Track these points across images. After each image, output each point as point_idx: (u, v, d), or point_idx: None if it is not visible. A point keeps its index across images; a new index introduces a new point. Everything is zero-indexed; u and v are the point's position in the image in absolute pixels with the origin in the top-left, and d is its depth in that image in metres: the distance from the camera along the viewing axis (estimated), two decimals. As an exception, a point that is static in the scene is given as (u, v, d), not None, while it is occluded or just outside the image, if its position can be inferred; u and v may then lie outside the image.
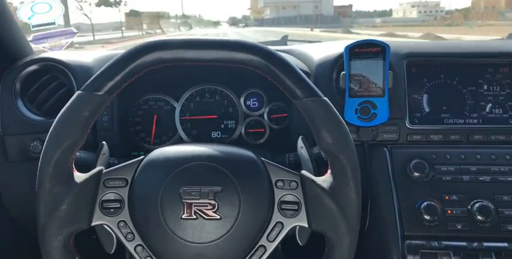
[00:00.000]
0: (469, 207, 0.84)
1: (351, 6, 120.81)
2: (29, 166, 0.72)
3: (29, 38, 1.17)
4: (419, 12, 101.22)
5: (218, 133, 1.12)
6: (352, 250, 0.62)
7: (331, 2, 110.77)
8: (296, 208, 0.63)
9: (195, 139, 1.10)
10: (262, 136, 1.12)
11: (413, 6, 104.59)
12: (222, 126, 1.12)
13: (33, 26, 1.18)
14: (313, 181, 0.63)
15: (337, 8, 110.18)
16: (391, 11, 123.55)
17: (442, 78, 0.98)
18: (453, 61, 0.98)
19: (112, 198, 0.62)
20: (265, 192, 0.63)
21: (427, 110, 0.97)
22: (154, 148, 0.69)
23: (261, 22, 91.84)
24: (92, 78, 0.60)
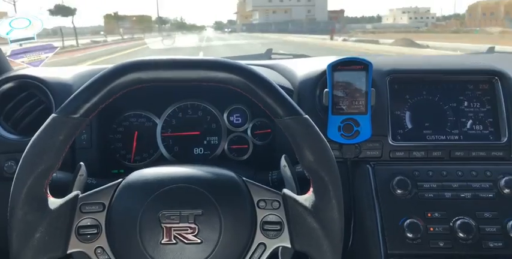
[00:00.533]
0: (451, 224, 0.84)
1: (342, 11, 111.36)
2: (2, 187, 0.69)
3: (7, 53, 1.15)
4: (410, 18, 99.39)
5: (201, 149, 1.10)
6: None
7: (325, 6, 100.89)
8: (279, 228, 0.62)
9: (177, 156, 1.08)
10: (245, 153, 1.11)
11: (403, 12, 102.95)
12: (205, 142, 1.11)
13: (12, 41, 1.16)
14: (295, 200, 0.62)
15: (329, 13, 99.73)
16: (379, 17, 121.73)
17: (424, 95, 0.98)
18: (434, 77, 0.99)
19: (89, 223, 0.60)
20: (247, 213, 0.62)
21: (409, 126, 0.97)
22: (135, 166, 0.68)
23: (249, 27, 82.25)
24: (67, 100, 0.59)
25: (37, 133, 0.58)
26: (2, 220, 0.60)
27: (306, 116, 0.61)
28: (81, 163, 0.75)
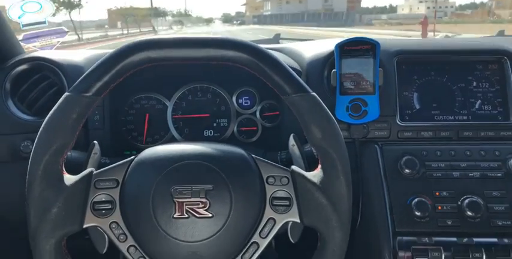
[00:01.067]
0: (459, 203, 0.85)
1: (359, 0, 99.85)
2: (20, 167, 0.71)
3: (20, 37, 1.17)
4: (428, 7, 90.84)
5: (210, 131, 1.12)
6: (344, 244, 0.62)
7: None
8: (288, 203, 0.63)
9: (187, 138, 1.10)
10: (254, 135, 1.12)
11: (421, 2, 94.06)
12: (215, 124, 1.12)
13: (24, 25, 1.17)
14: (303, 176, 0.63)
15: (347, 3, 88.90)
16: (392, 7, 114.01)
17: (432, 75, 0.98)
18: (443, 58, 0.99)
19: (103, 199, 0.62)
20: (256, 189, 0.63)
21: (417, 107, 0.97)
22: (147, 148, 0.69)
23: (260, 19, 76.59)
24: (79, 79, 0.60)
25: (51, 112, 0.60)
26: (20, 199, 0.62)
27: (314, 93, 0.62)
28: (95, 141, 0.77)
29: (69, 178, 0.61)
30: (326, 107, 0.62)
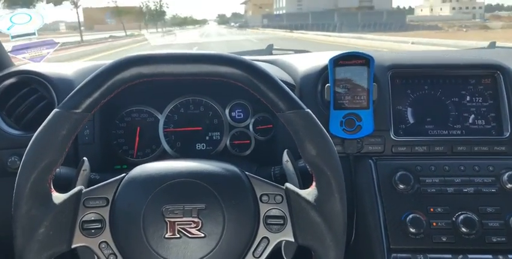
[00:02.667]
0: (453, 219, 0.84)
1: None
2: (6, 182, 0.69)
3: (8, 49, 1.15)
4: (453, 8, 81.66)
5: (203, 145, 1.10)
6: None
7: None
8: (282, 222, 0.62)
9: (179, 152, 1.09)
10: (247, 148, 1.11)
11: (444, 2, 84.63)
12: (207, 137, 1.11)
13: (13, 37, 1.16)
14: (298, 194, 0.62)
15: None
16: (409, 9, 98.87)
17: (426, 90, 0.98)
18: (436, 72, 0.99)
19: (93, 218, 0.60)
20: (250, 207, 0.62)
21: (411, 121, 0.97)
22: (138, 162, 0.68)
23: (272, 19, 54.97)
24: (69, 95, 0.59)
25: (40, 128, 0.58)
26: (6, 216, 0.61)
27: (308, 110, 0.61)
28: (85, 158, 0.75)
29: (57, 197, 0.60)
30: (320, 124, 0.62)
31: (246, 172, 0.66)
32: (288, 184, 0.64)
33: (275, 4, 72.31)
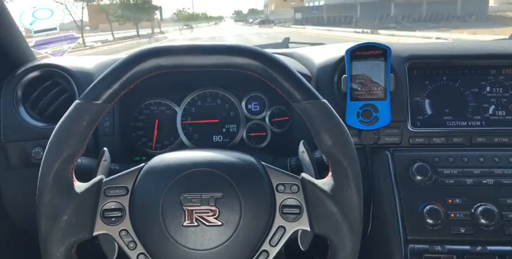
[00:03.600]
0: (472, 210, 0.83)
1: None
2: (31, 173, 0.72)
3: (31, 44, 1.18)
4: None
5: (220, 137, 1.12)
6: (355, 253, 0.62)
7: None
8: (298, 212, 0.62)
9: (196, 144, 1.10)
10: (264, 140, 1.11)
11: None
12: (224, 130, 1.12)
13: (35, 32, 1.19)
14: (314, 184, 0.63)
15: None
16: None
17: (444, 81, 0.97)
18: (455, 63, 0.97)
19: (113, 207, 0.62)
20: (266, 197, 0.63)
21: (429, 112, 0.96)
22: (156, 153, 0.69)
23: (307, 13, 42.20)
24: (89, 87, 0.60)
25: (62, 119, 0.60)
26: (31, 205, 0.63)
27: (324, 100, 0.62)
28: (105, 148, 0.77)
29: (79, 186, 0.61)
30: (337, 114, 0.62)
31: (262, 162, 0.67)
32: (304, 174, 0.64)
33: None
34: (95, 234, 0.61)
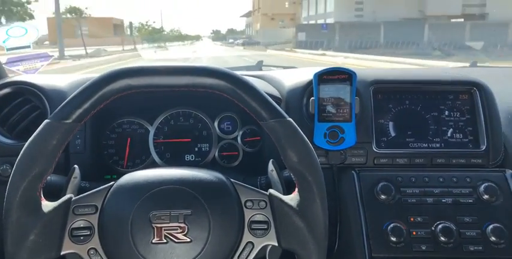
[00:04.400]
0: (432, 228, 0.87)
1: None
2: None
3: (3, 61, 1.17)
4: None
5: (192, 156, 1.13)
6: None
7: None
8: (266, 227, 0.64)
9: (168, 163, 1.11)
10: (235, 160, 1.13)
11: None
12: (196, 149, 1.13)
13: (8, 49, 1.18)
14: (281, 199, 0.65)
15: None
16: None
17: (407, 104, 1.02)
18: (416, 88, 1.03)
19: (82, 225, 0.62)
20: (235, 213, 0.64)
21: (393, 134, 1.01)
22: (128, 172, 0.70)
23: (313, 31, 30.16)
24: (60, 106, 0.61)
25: (31, 138, 0.60)
26: None
27: (290, 119, 0.64)
28: (75, 166, 0.77)
29: (47, 205, 0.61)
30: (302, 132, 0.65)
31: (231, 179, 0.69)
32: (271, 190, 0.67)
33: (305, 11, 43.57)
34: (62, 253, 0.61)
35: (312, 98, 0.96)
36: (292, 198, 0.65)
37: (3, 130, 1.00)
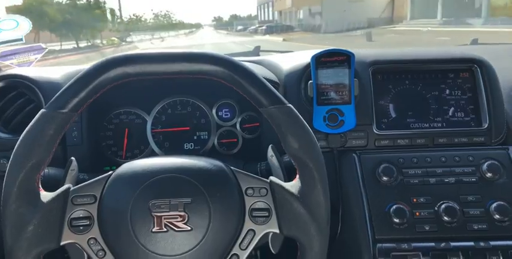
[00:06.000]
0: (435, 208, 0.86)
1: None
2: None
3: (-4, 55, 1.16)
4: None
5: (191, 145, 1.12)
6: (324, 253, 0.63)
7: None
8: (267, 214, 0.64)
9: (167, 152, 1.10)
10: (235, 147, 1.13)
11: None
12: (195, 137, 1.12)
13: (0, 43, 1.17)
14: (282, 187, 0.64)
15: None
16: None
17: (407, 84, 1.01)
18: (416, 67, 1.01)
19: (81, 215, 0.62)
20: (235, 201, 0.64)
21: (393, 115, 1.00)
22: (126, 162, 0.69)
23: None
24: (55, 95, 0.60)
25: (27, 128, 0.59)
26: None
27: (289, 105, 0.63)
28: (72, 158, 0.76)
29: (45, 195, 0.61)
30: (302, 118, 0.64)
31: (231, 167, 0.68)
32: (272, 178, 0.66)
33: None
34: (62, 243, 0.61)
35: (310, 81, 0.95)
36: (293, 185, 0.64)
37: None
